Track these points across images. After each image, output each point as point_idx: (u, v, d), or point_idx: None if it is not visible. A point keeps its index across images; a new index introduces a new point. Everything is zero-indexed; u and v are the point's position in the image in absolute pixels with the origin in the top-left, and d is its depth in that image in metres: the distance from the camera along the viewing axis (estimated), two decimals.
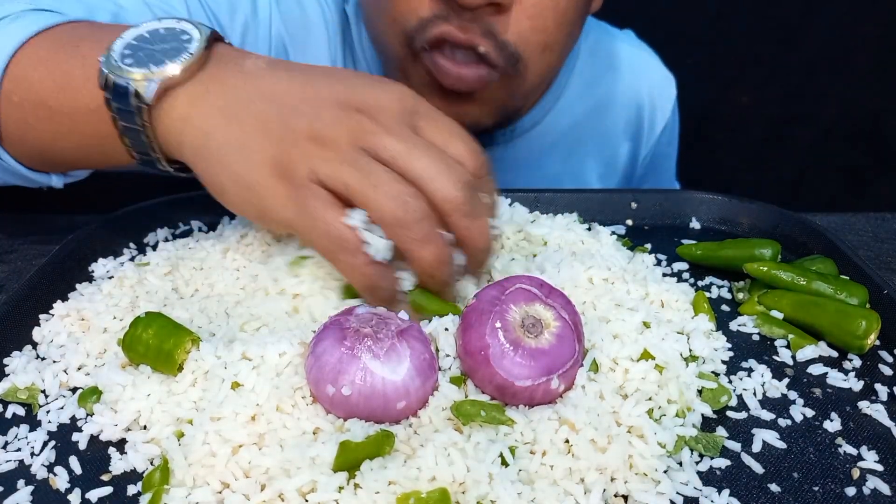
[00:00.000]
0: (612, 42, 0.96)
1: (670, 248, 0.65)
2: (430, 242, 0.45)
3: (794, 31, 1.51)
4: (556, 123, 0.90)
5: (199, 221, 0.68)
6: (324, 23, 0.82)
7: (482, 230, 0.48)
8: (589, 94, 0.92)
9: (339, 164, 0.45)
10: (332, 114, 0.46)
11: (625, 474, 0.39)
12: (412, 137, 0.46)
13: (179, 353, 0.44)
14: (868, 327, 0.49)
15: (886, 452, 0.42)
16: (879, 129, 1.62)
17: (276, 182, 0.46)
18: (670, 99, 0.99)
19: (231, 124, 0.47)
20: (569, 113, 0.90)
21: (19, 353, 0.49)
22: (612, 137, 0.96)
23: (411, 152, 0.45)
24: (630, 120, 0.96)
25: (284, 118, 0.47)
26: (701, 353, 0.48)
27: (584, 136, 0.93)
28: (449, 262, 0.47)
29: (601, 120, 0.94)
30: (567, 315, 0.43)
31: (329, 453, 0.37)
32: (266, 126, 0.47)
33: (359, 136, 0.46)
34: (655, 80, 0.98)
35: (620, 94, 0.94)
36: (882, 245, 0.75)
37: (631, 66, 0.96)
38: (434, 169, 0.45)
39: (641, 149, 0.99)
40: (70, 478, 0.40)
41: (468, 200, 0.46)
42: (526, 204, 0.69)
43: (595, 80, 0.92)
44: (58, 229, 0.74)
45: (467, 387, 0.43)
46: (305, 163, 0.45)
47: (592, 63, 0.92)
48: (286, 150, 0.46)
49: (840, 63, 1.53)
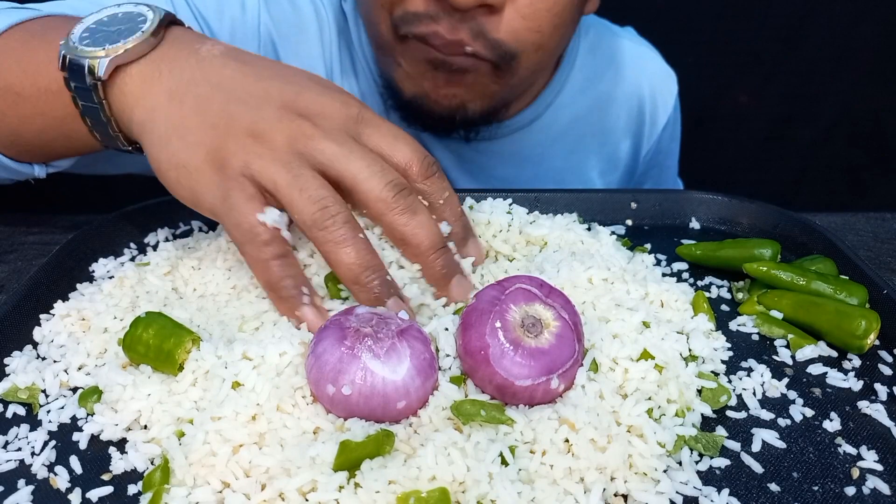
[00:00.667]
0: (613, 39, 0.96)
1: (670, 248, 0.65)
2: (348, 245, 0.46)
3: (794, 31, 1.51)
4: (558, 118, 0.90)
5: (199, 221, 0.68)
6: (317, 23, 0.81)
7: (422, 228, 0.48)
8: (590, 90, 0.92)
9: (271, 163, 0.46)
10: (275, 113, 0.47)
11: (624, 474, 0.39)
12: (349, 142, 0.47)
13: (180, 352, 0.44)
14: (868, 327, 0.49)
15: (886, 452, 0.43)
16: (879, 129, 1.62)
17: (208, 167, 0.47)
18: (672, 94, 0.99)
19: (173, 104, 0.48)
20: (570, 108, 0.90)
21: (20, 353, 0.49)
22: (614, 134, 0.96)
23: (347, 156, 0.47)
24: (631, 116, 0.96)
25: (227, 108, 0.48)
26: (700, 353, 0.48)
27: (585, 132, 0.93)
28: (371, 267, 0.46)
29: (602, 116, 0.94)
30: (567, 315, 0.43)
31: (329, 453, 0.37)
32: (207, 111, 0.48)
33: (297, 139, 0.47)
34: (657, 76, 0.98)
35: (622, 91, 0.95)
36: (882, 245, 0.75)
37: (632, 63, 0.96)
38: (367, 171, 0.46)
39: (643, 145, 0.99)
40: (70, 477, 0.40)
41: (401, 199, 0.47)
42: (526, 204, 0.69)
43: (596, 76, 0.92)
44: (58, 229, 0.74)
45: (467, 386, 0.43)
46: (241, 155, 0.46)
47: (593, 59, 0.92)
48: (223, 139, 0.47)
49: (840, 63, 1.53)
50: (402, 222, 0.47)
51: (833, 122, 1.60)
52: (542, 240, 0.61)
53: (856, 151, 1.65)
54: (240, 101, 0.48)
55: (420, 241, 0.48)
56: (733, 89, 1.58)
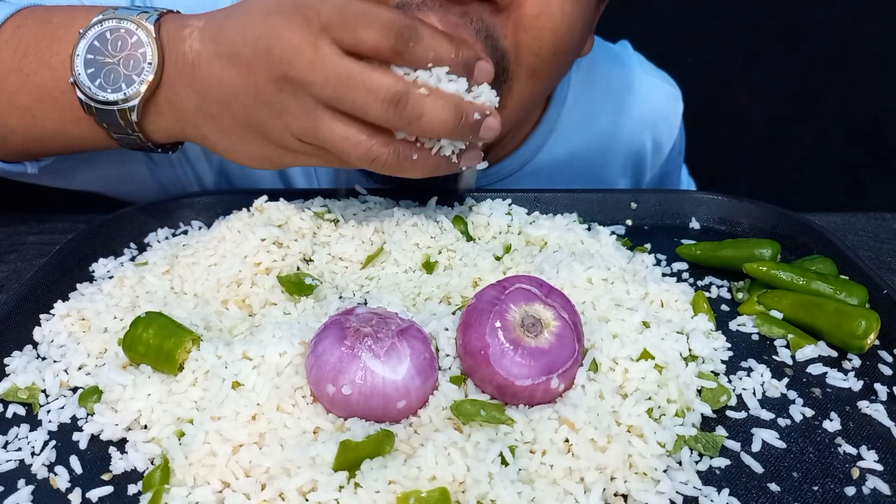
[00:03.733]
0: (609, 68, 0.90)
1: (670, 248, 0.65)
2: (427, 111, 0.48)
3: (794, 31, 1.51)
4: (552, 158, 0.84)
5: (199, 221, 0.68)
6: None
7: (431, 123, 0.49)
8: (587, 128, 0.86)
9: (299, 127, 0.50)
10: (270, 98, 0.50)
11: (624, 474, 0.39)
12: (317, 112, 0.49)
13: (180, 352, 0.44)
14: (868, 327, 0.49)
15: (886, 452, 0.43)
16: (879, 129, 1.62)
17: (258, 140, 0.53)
18: (677, 116, 0.94)
19: (204, 118, 0.54)
20: (565, 147, 0.85)
21: (20, 353, 0.49)
22: (613, 169, 0.91)
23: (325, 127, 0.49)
24: (633, 150, 0.91)
25: (232, 113, 0.52)
26: (700, 353, 0.48)
27: (583, 169, 0.88)
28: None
29: (602, 152, 0.89)
30: (567, 315, 0.43)
31: (329, 453, 0.37)
32: (230, 119, 0.52)
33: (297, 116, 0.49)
34: (659, 103, 0.92)
35: (623, 126, 0.89)
36: (882, 245, 0.75)
37: (632, 94, 0.89)
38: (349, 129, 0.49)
39: (646, 174, 0.95)
40: (70, 477, 0.40)
41: (397, 116, 0.48)
42: (525, 204, 0.69)
43: (593, 112, 0.86)
44: (58, 229, 0.74)
45: (467, 386, 0.43)
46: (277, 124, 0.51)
47: (589, 93, 0.86)
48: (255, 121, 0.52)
49: (839, 63, 1.53)
50: (413, 130, 0.49)
51: (832, 122, 1.60)
52: (542, 240, 0.61)
53: (855, 151, 1.65)
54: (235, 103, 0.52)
55: (436, 133, 0.49)
56: (733, 89, 1.58)
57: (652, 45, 1.00)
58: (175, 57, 0.53)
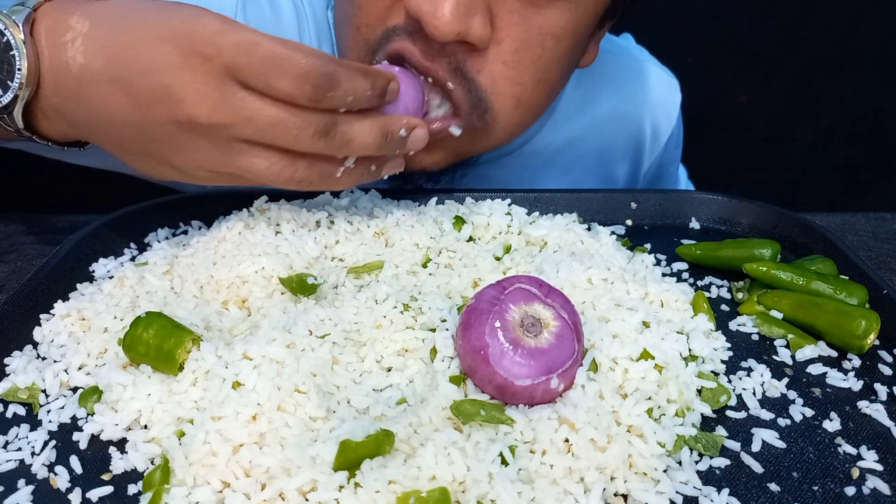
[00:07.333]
0: (608, 56, 0.88)
1: (670, 248, 0.65)
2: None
3: (794, 31, 1.51)
4: (551, 142, 0.85)
5: (199, 221, 0.68)
6: (297, 28, 0.78)
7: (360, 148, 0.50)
8: (586, 112, 0.87)
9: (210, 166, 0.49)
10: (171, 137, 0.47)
11: (624, 474, 0.39)
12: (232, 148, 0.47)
13: (180, 352, 0.44)
14: (868, 327, 0.49)
15: (886, 452, 0.43)
16: (879, 129, 1.62)
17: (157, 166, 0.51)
18: (675, 105, 0.94)
19: (95, 133, 0.51)
20: (564, 131, 0.85)
21: (20, 353, 0.49)
22: (612, 154, 0.92)
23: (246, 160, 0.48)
24: (632, 136, 0.92)
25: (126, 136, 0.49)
26: (700, 353, 0.48)
27: (582, 153, 0.88)
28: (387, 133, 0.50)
29: (601, 137, 0.89)
30: (566, 314, 0.43)
31: (329, 452, 0.37)
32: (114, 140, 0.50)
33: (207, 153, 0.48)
34: (658, 90, 0.93)
35: (621, 111, 0.90)
36: (882, 245, 0.75)
37: (631, 80, 0.91)
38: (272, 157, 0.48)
39: (644, 162, 0.95)
40: (70, 477, 0.40)
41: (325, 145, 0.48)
42: (525, 204, 0.69)
43: (592, 97, 0.87)
44: (58, 229, 0.74)
45: (467, 386, 0.43)
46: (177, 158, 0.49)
47: (588, 79, 0.86)
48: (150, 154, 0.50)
49: (840, 63, 1.53)
50: (343, 154, 0.50)
51: (832, 122, 1.60)
52: (542, 240, 0.61)
53: (855, 151, 1.65)
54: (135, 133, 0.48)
55: (365, 153, 0.51)
56: (733, 89, 1.58)
57: (652, 45, 1.00)
58: (56, 67, 0.47)
